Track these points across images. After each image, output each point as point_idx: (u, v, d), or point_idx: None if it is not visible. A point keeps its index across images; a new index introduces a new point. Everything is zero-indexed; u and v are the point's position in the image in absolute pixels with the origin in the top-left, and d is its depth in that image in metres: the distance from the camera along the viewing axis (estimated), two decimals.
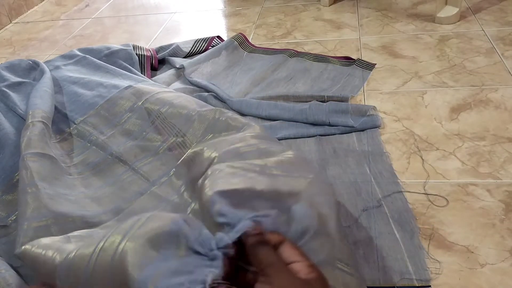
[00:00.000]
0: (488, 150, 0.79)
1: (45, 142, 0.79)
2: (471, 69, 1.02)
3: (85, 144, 0.85)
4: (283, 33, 1.32)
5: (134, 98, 0.88)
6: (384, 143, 0.83)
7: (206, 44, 1.26)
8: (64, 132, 0.88)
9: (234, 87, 1.06)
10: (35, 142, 0.77)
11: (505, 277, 0.58)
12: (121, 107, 0.88)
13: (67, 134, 0.88)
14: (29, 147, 0.76)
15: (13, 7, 1.71)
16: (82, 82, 0.98)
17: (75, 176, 0.79)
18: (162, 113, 0.83)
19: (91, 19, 1.63)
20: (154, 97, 0.87)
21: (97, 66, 1.06)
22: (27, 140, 0.77)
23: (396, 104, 0.94)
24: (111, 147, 0.82)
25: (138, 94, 0.89)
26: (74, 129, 0.88)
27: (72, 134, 0.88)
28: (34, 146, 0.76)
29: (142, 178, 0.78)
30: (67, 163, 0.82)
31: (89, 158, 0.83)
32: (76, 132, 0.87)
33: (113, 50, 1.14)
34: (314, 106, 0.91)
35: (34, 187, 0.69)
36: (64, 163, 0.80)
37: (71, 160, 0.83)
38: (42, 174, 0.73)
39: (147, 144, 0.82)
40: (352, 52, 1.16)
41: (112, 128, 0.86)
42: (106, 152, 0.82)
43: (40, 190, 0.69)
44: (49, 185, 0.72)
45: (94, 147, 0.84)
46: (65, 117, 0.91)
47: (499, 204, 0.68)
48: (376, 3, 1.42)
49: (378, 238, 0.65)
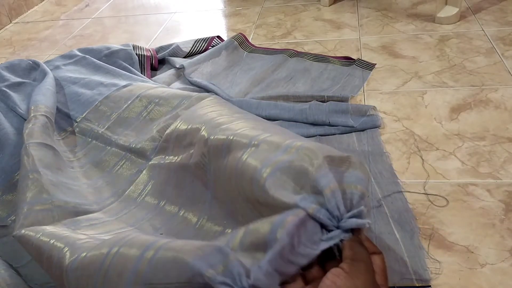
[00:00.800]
0: (488, 150, 0.79)
1: (47, 134, 0.79)
2: (471, 69, 1.02)
3: (86, 140, 0.86)
4: (283, 33, 1.32)
5: (131, 93, 0.90)
6: (384, 143, 0.83)
7: (206, 44, 1.26)
8: (66, 130, 0.89)
9: (234, 87, 1.06)
10: (38, 133, 0.77)
11: (505, 277, 0.58)
12: (118, 101, 0.89)
13: (69, 132, 0.88)
14: (32, 137, 0.76)
15: (13, 7, 1.71)
16: (82, 82, 0.98)
17: (78, 169, 0.79)
18: (155, 103, 0.86)
19: (91, 19, 1.63)
20: (147, 91, 0.89)
21: (97, 66, 1.06)
22: (30, 131, 0.77)
23: (396, 104, 0.94)
24: (111, 137, 0.83)
25: (135, 90, 0.91)
26: (76, 127, 0.88)
27: (74, 132, 0.88)
28: (37, 136, 0.76)
29: (140, 156, 0.78)
30: (70, 158, 0.82)
31: (91, 151, 0.83)
32: (78, 130, 0.88)
33: (113, 50, 1.14)
34: (314, 106, 0.91)
35: (36, 173, 0.68)
36: (66, 158, 0.81)
37: (74, 155, 0.83)
38: (45, 161, 0.72)
39: (143, 127, 0.83)
40: (352, 52, 1.16)
41: (109, 119, 0.86)
42: (106, 143, 0.83)
43: (42, 176, 0.68)
44: (52, 173, 0.71)
45: (95, 142, 0.85)
46: (66, 117, 0.91)
47: (499, 204, 0.68)
48: (376, 3, 1.42)
49: (378, 238, 0.65)
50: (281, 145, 0.52)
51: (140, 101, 0.88)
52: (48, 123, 0.82)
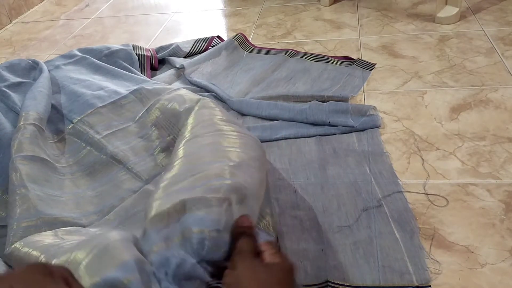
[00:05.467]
0: (488, 150, 0.79)
1: (36, 144, 0.79)
2: (471, 69, 1.02)
3: (80, 145, 0.85)
4: (283, 33, 1.32)
5: (138, 103, 0.89)
6: (384, 143, 0.83)
7: (206, 44, 1.26)
8: (62, 132, 0.88)
9: (234, 87, 1.06)
10: (26, 145, 0.77)
11: (505, 277, 0.58)
12: (122, 111, 0.88)
13: (65, 133, 0.88)
14: (20, 150, 0.76)
15: (13, 7, 1.71)
16: (83, 84, 0.97)
17: (69, 177, 0.79)
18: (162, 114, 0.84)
19: (91, 19, 1.63)
20: (158, 101, 0.87)
21: (97, 66, 1.06)
22: (18, 143, 0.77)
23: (396, 104, 0.94)
24: (107, 147, 0.82)
25: (142, 98, 0.89)
26: (71, 128, 0.87)
27: (68, 134, 0.87)
28: (25, 149, 0.76)
29: (136, 177, 0.78)
30: (61, 163, 0.81)
31: (84, 159, 0.83)
32: (73, 131, 0.87)
33: (113, 50, 1.14)
34: (314, 106, 0.91)
35: (23, 188, 0.69)
36: (58, 164, 0.80)
37: (67, 161, 0.82)
38: (32, 176, 0.73)
39: (144, 144, 0.82)
40: (352, 52, 1.16)
41: (109, 128, 0.86)
42: (101, 152, 0.82)
43: (29, 191, 0.69)
44: (39, 186, 0.72)
45: (89, 147, 0.83)
46: (63, 117, 0.91)
47: (499, 204, 0.68)
48: (376, 3, 1.42)
49: (378, 238, 0.65)
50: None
51: (145, 118, 0.86)
52: (36, 132, 0.81)
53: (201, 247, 0.46)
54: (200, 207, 0.48)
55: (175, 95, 0.84)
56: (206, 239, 0.46)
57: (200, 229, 0.46)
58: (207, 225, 0.46)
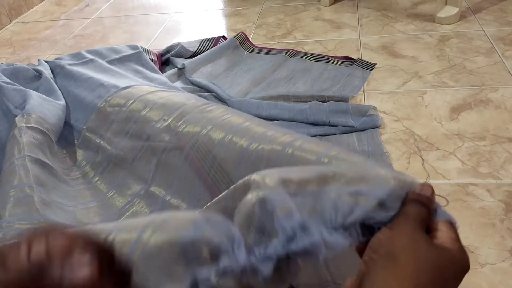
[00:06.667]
0: (488, 150, 0.79)
1: (44, 152, 0.77)
2: (471, 69, 1.02)
3: (88, 155, 0.84)
4: (283, 33, 1.32)
5: (129, 99, 0.85)
6: (384, 143, 0.83)
7: (212, 44, 1.25)
8: (72, 144, 0.87)
9: (235, 87, 1.06)
10: (36, 149, 0.75)
11: (505, 277, 0.58)
12: (116, 106, 0.84)
13: (75, 145, 0.86)
14: (31, 151, 0.74)
15: (13, 7, 1.71)
16: (85, 85, 0.94)
17: (76, 188, 0.78)
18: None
19: (91, 19, 1.63)
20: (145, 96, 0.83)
21: (104, 69, 1.04)
22: (29, 142, 0.75)
23: (396, 104, 0.94)
24: (111, 151, 0.80)
25: (135, 94, 0.85)
26: (80, 139, 0.86)
27: (78, 146, 0.86)
28: (36, 152, 0.75)
29: (140, 179, 0.77)
30: (70, 176, 0.80)
31: (92, 170, 0.81)
32: (81, 142, 0.86)
33: (124, 55, 1.12)
34: (314, 106, 0.91)
35: (29, 188, 0.68)
36: (67, 176, 0.79)
37: (75, 174, 0.81)
38: (41, 179, 0.72)
39: (150, 144, 0.81)
40: (352, 52, 1.16)
41: (108, 129, 0.83)
42: (107, 157, 0.81)
43: (35, 193, 0.68)
44: (46, 191, 0.71)
45: (98, 159, 0.82)
46: (71, 128, 0.89)
47: (499, 204, 0.68)
48: (376, 3, 1.42)
49: None
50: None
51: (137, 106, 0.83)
52: (43, 139, 0.79)
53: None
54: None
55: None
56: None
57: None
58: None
